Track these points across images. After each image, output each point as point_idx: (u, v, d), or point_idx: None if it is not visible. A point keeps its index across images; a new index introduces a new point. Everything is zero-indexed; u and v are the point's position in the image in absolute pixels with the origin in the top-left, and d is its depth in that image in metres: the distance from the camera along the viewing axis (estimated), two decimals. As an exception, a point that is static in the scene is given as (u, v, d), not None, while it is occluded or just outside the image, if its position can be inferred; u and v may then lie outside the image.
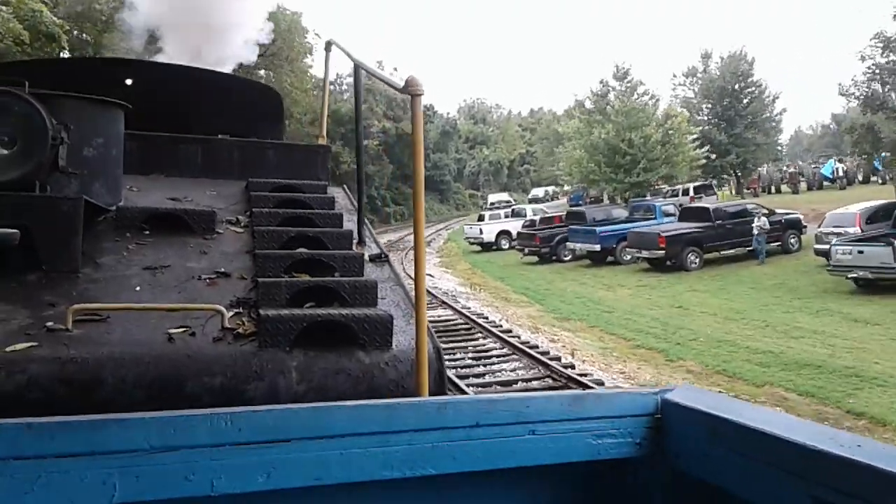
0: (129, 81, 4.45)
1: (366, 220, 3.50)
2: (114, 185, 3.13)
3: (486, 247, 33.87)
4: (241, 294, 2.67)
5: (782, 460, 0.99)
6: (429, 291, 17.22)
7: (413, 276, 2.45)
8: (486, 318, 16.31)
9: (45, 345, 2.20)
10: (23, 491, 0.95)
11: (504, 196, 54.09)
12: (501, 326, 15.12)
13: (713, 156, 31.72)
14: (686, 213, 23.54)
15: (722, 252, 22.02)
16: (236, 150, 4.07)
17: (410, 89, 2.37)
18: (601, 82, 35.13)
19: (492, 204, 46.65)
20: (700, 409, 1.17)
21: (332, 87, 46.87)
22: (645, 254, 22.05)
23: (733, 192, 40.37)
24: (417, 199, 2.46)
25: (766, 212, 22.35)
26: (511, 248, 32.75)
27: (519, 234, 28.52)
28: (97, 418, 1.02)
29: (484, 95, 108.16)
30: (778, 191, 42.61)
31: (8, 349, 2.13)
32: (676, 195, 36.62)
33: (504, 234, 33.77)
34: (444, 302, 18.29)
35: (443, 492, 1.19)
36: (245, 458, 1.05)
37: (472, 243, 34.46)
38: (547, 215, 31.79)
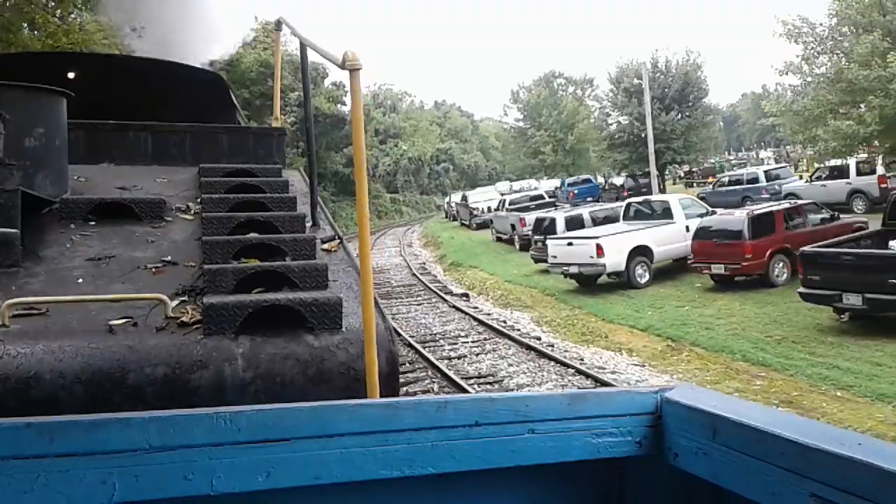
0: (71, 75, 4.32)
1: (320, 203, 3.46)
2: (58, 176, 3.06)
3: (589, 280, 16.80)
4: (189, 282, 2.65)
5: (782, 459, 1.00)
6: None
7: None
8: None
9: None
10: (22, 490, 0.95)
11: (499, 188, 39.35)
12: None
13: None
14: None
15: None
16: (188, 135, 4.00)
17: (349, 64, 2.30)
18: None
19: (509, 201, 29.75)
20: (700, 407, 1.17)
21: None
22: None
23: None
24: (360, 171, 2.39)
25: None
26: (648, 283, 16.38)
27: (831, 258, 10.72)
28: (97, 418, 1.03)
29: (391, 81, 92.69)
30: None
31: None
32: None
33: (641, 254, 16.42)
34: None
35: (442, 491, 1.20)
36: (244, 457, 1.05)
37: (569, 275, 16.97)
38: (760, 211, 15.16)
